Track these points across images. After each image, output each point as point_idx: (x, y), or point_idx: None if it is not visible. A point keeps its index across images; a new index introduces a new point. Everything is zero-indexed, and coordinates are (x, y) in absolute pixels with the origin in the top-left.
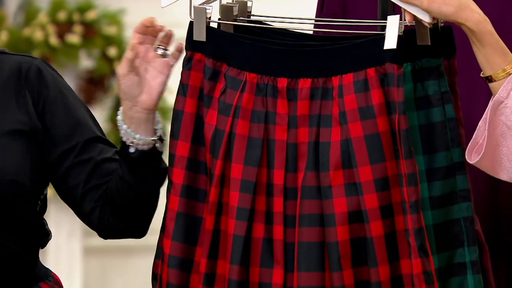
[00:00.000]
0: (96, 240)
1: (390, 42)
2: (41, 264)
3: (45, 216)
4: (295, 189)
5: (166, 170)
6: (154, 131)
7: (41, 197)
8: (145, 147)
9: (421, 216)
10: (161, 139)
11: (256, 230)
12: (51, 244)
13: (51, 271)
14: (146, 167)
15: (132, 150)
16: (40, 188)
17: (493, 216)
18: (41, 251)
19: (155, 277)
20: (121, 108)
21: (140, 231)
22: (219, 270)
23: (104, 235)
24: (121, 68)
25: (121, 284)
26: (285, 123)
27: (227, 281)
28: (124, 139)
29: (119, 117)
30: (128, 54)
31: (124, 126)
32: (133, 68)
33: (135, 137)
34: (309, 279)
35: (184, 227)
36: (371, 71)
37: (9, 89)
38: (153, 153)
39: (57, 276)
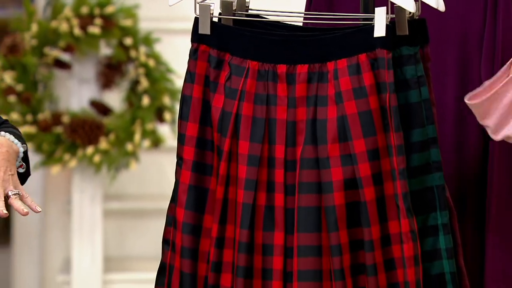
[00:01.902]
0: (115, 204)
1: (380, 30)
2: None
3: (69, 184)
4: (295, 161)
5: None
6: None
7: None
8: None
9: (407, 182)
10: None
11: (260, 198)
12: (75, 208)
13: None
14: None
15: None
16: None
17: (461, 186)
18: (65, 214)
19: (167, 242)
20: None
21: None
22: (227, 234)
23: None
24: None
25: (137, 243)
26: (285, 104)
27: (237, 244)
28: None
29: None
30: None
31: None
32: None
33: None
34: (307, 239)
35: (195, 198)
36: (362, 57)
37: None
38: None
39: None
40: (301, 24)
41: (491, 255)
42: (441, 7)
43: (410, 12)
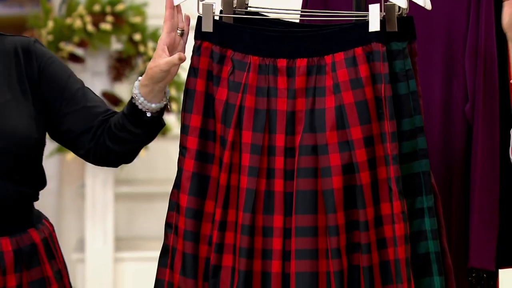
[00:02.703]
0: (125, 188)
1: (374, 25)
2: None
3: (83, 169)
4: (294, 148)
5: (163, 124)
6: (163, 98)
7: (44, 144)
8: (156, 112)
9: (399, 167)
10: (168, 104)
11: (260, 184)
12: (88, 191)
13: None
14: (154, 125)
15: (148, 115)
16: (43, 138)
17: (447, 172)
18: (79, 198)
19: (169, 226)
20: (137, 82)
21: (130, 160)
22: (229, 218)
23: (98, 163)
24: (164, 62)
25: (145, 224)
26: (285, 95)
27: (240, 226)
28: (140, 107)
29: (135, 91)
30: (168, 26)
31: (142, 99)
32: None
33: (151, 106)
34: (304, 220)
35: (197, 185)
36: (358, 50)
37: (11, 63)
38: (161, 113)
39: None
40: (298, 21)
41: (475, 236)
42: (428, 6)
43: (399, 10)
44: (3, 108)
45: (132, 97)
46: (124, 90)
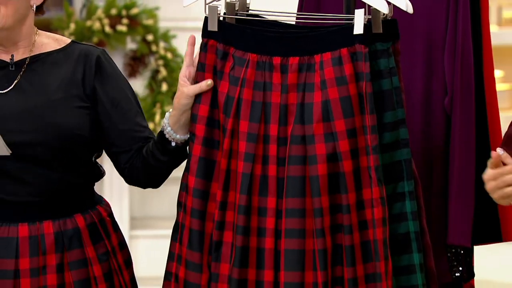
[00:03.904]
0: None
1: (358, 28)
2: (96, 193)
3: (102, 160)
4: (286, 138)
5: (186, 154)
6: (188, 131)
7: (97, 146)
8: (180, 143)
9: (378, 156)
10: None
11: (256, 169)
12: (106, 178)
13: (103, 197)
14: (178, 154)
15: (173, 144)
16: (95, 139)
17: (427, 160)
18: (99, 183)
19: (180, 204)
20: (168, 113)
21: (157, 185)
22: (230, 199)
23: (129, 182)
24: (191, 89)
25: (158, 205)
26: (279, 90)
27: (237, 206)
28: (167, 136)
29: (165, 121)
30: (188, 61)
31: (169, 128)
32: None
33: (176, 136)
34: (293, 203)
35: (203, 168)
36: (344, 50)
37: (77, 69)
38: (185, 144)
39: (107, 201)
40: (294, 22)
41: (453, 217)
42: (410, 10)
43: (384, 14)
44: (53, 106)
45: (162, 127)
46: (138, 85)
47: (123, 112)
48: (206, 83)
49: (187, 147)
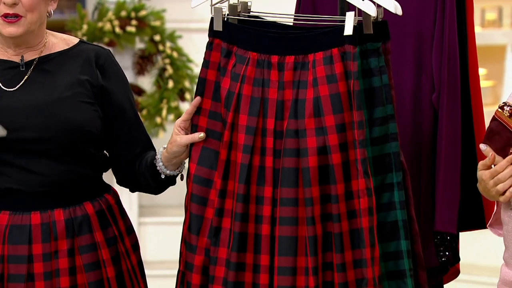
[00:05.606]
0: None
1: (348, 30)
2: (105, 182)
3: None
4: (282, 131)
5: (174, 183)
6: (179, 167)
7: (104, 141)
8: (170, 176)
9: (365, 150)
10: (181, 174)
11: (254, 160)
12: None
13: (111, 186)
14: (167, 184)
15: (162, 177)
16: (98, 132)
17: (416, 153)
18: (110, 174)
19: (187, 192)
20: (162, 148)
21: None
22: (229, 187)
23: (118, 183)
24: (183, 139)
25: (165, 193)
26: (276, 86)
27: (236, 195)
28: (158, 169)
29: (158, 156)
30: (186, 117)
31: (161, 163)
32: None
33: (167, 172)
34: (287, 192)
35: (205, 156)
36: (335, 50)
37: (84, 69)
38: (174, 177)
39: (115, 189)
40: (291, 23)
41: (440, 205)
42: (399, 12)
43: (374, 16)
44: (61, 103)
45: (155, 158)
46: (146, 82)
47: (122, 114)
48: (199, 135)
49: (177, 178)
